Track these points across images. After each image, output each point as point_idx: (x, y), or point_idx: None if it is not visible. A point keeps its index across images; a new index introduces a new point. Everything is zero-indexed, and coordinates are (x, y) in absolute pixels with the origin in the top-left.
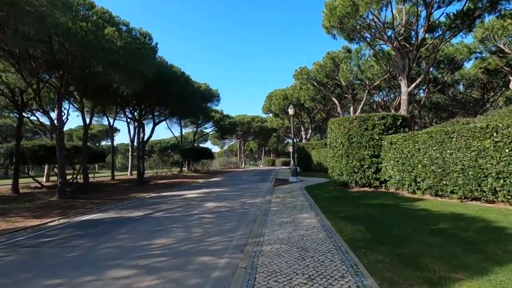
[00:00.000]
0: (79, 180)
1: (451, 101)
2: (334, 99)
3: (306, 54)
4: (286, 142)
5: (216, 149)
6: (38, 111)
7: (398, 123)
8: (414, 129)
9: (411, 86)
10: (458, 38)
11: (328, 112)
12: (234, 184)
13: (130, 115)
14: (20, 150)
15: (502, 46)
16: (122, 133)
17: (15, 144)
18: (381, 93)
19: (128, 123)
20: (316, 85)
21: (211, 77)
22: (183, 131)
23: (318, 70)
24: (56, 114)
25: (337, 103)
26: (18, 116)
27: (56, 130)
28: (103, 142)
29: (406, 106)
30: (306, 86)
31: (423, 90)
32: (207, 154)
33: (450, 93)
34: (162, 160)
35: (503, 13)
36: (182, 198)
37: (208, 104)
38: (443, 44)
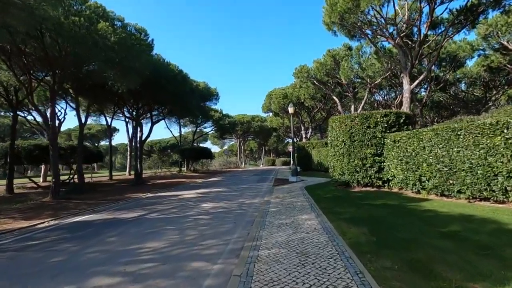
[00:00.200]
0: (76, 180)
1: (453, 99)
2: (334, 98)
3: (307, 53)
4: (286, 141)
5: (216, 149)
6: (34, 110)
7: (402, 121)
8: (415, 128)
9: (414, 84)
10: (461, 35)
11: (328, 111)
12: (233, 184)
13: (128, 115)
14: (15, 149)
15: (505, 43)
16: (122, 133)
17: (10, 143)
18: (382, 91)
19: (126, 123)
20: (316, 83)
21: (211, 77)
22: (183, 131)
23: (318, 68)
24: (49, 111)
25: (337, 102)
26: (13, 115)
27: (50, 129)
28: (103, 142)
29: (409, 104)
30: (306, 85)
31: (425, 89)
32: (207, 154)
33: (451, 91)
34: (162, 160)
35: (508, 8)
36: (178, 198)
37: (207, 103)
38: (446, 40)
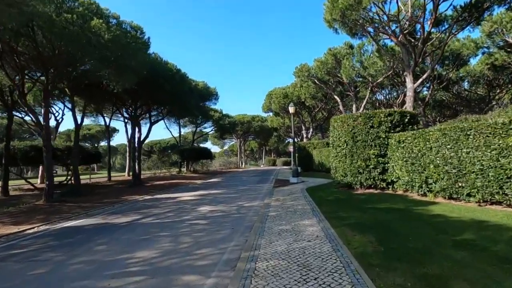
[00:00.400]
0: (73, 182)
1: (455, 99)
2: (336, 97)
3: (307, 52)
4: (287, 141)
5: (216, 149)
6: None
7: (406, 120)
8: (418, 127)
9: (417, 82)
10: (465, 32)
11: (329, 110)
12: (233, 185)
13: (126, 115)
14: (10, 150)
15: (510, 40)
16: (122, 133)
17: (5, 144)
18: (383, 91)
19: (125, 123)
20: (317, 82)
21: (211, 77)
22: (183, 131)
23: (319, 67)
24: (43, 112)
25: (339, 101)
26: (8, 115)
27: (44, 130)
28: (103, 143)
29: (412, 103)
30: (306, 84)
31: (427, 88)
32: (206, 154)
33: (454, 90)
34: (162, 160)
35: None
36: (176, 201)
37: (206, 103)
38: (451, 38)
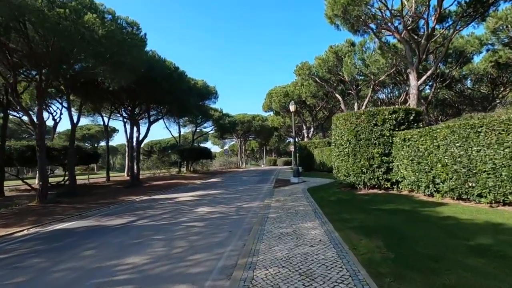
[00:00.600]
0: (69, 182)
1: (458, 97)
2: (337, 95)
3: (308, 50)
4: (287, 141)
5: (216, 149)
6: (30, 110)
7: (411, 118)
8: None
9: (421, 79)
10: (469, 29)
11: (330, 109)
12: (232, 185)
13: (125, 114)
14: (5, 150)
15: None
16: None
17: (0, 144)
18: (385, 89)
19: (124, 123)
20: (318, 81)
21: (210, 76)
22: (183, 131)
23: (320, 65)
24: (36, 110)
25: (340, 100)
26: (3, 114)
27: (37, 129)
28: (102, 143)
29: (416, 101)
30: (307, 82)
31: (430, 86)
32: (206, 154)
33: (457, 89)
34: (162, 160)
35: None
36: (173, 202)
37: (205, 102)
38: (455, 34)
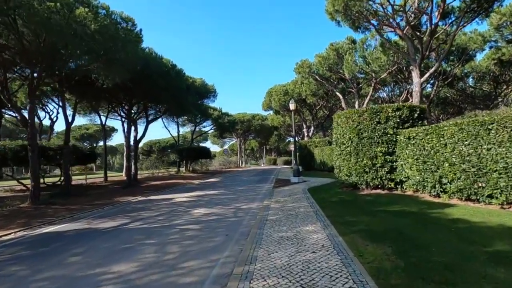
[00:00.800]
0: (64, 182)
1: (460, 95)
2: (338, 94)
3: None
4: (287, 140)
5: (216, 148)
6: (24, 109)
7: (416, 115)
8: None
9: (425, 76)
10: (473, 25)
11: (330, 108)
12: (231, 185)
13: (123, 114)
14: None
15: None
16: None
17: None
18: (386, 88)
19: (122, 122)
20: (318, 79)
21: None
22: (182, 131)
23: (320, 63)
24: (28, 108)
25: (341, 98)
26: None
27: (29, 128)
28: (101, 143)
29: (419, 99)
30: (307, 81)
31: (431, 84)
32: (205, 153)
33: (458, 87)
34: (161, 160)
35: None
36: (170, 202)
37: (204, 100)
38: (460, 29)
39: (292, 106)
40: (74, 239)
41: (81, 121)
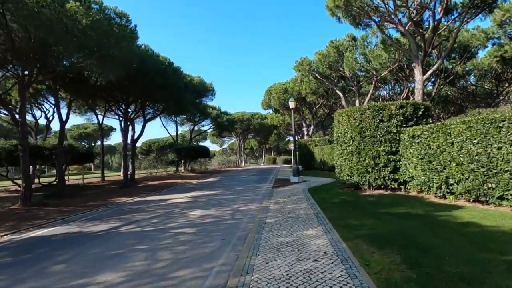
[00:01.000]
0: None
1: (461, 94)
2: (338, 92)
3: (308, 46)
4: (287, 139)
5: (215, 147)
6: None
7: (420, 113)
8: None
9: (427, 74)
10: (476, 21)
11: (331, 107)
12: (230, 185)
13: (120, 113)
14: None
15: None
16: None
17: None
18: (386, 86)
19: (120, 122)
20: (318, 77)
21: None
22: (181, 130)
23: (320, 60)
24: (19, 106)
25: (341, 96)
26: None
27: (20, 127)
28: (100, 142)
29: (422, 97)
30: (307, 79)
31: (432, 83)
32: (204, 152)
33: (460, 85)
34: (161, 159)
35: None
36: (166, 204)
37: (203, 99)
38: (464, 25)
39: (291, 104)
40: (61, 245)
41: (79, 120)
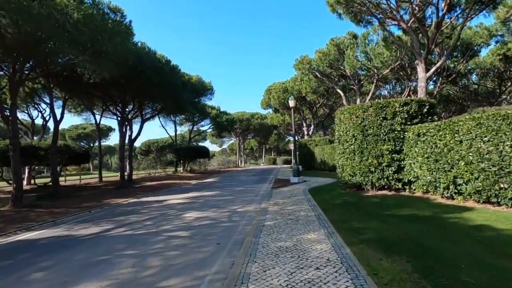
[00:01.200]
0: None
1: (462, 93)
2: (339, 91)
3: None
4: (287, 139)
5: (215, 148)
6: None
7: (425, 110)
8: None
9: (431, 71)
10: (480, 18)
11: (331, 106)
12: (229, 186)
13: (118, 113)
14: None
15: None
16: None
17: None
18: (387, 85)
19: (118, 122)
20: (318, 75)
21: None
22: (180, 130)
23: (321, 59)
24: (9, 104)
25: (342, 95)
26: None
27: (10, 125)
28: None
29: (425, 95)
30: (307, 77)
31: (434, 81)
32: (204, 153)
33: (462, 84)
34: (160, 160)
35: None
36: (162, 205)
37: (201, 98)
38: (468, 21)
39: (291, 103)
40: (47, 249)
41: (77, 120)
